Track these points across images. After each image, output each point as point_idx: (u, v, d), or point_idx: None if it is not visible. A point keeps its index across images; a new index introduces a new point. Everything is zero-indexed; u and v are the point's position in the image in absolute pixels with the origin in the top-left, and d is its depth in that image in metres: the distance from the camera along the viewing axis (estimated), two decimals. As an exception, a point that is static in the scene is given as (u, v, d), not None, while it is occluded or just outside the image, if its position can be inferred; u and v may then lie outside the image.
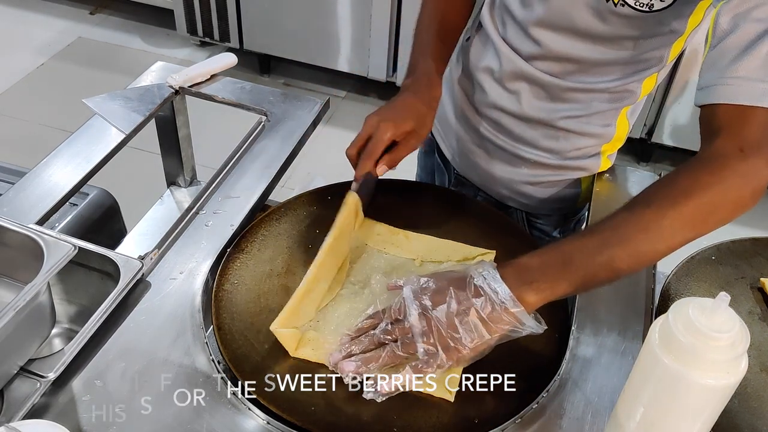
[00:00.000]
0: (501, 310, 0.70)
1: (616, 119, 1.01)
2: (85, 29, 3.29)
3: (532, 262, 0.72)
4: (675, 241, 0.72)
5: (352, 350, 0.74)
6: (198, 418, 0.72)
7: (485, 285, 0.71)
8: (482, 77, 1.03)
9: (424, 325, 0.71)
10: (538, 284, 0.71)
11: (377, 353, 0.73)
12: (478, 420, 0.73)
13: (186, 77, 1.13)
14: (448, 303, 0.71)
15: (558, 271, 0.71)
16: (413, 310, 0.72)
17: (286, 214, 0.97)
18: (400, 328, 0.73)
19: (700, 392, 0.60)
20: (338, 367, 0.74)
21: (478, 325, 0.70)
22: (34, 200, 0.92)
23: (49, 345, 0.91)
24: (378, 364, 0.73)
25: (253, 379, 0.75)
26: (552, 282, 0.71)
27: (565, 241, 0.74)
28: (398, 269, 0.91)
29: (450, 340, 0.71)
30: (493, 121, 1.05)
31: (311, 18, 2.72)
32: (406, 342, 0.72)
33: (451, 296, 0.71)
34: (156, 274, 0.86)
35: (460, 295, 0.71)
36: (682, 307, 0.60)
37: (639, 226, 0.71)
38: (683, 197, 0.71)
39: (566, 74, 0.96)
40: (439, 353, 0.71)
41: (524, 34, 0.95)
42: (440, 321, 0.71)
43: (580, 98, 0.97)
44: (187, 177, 1.26)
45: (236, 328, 0.81)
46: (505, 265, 0.73)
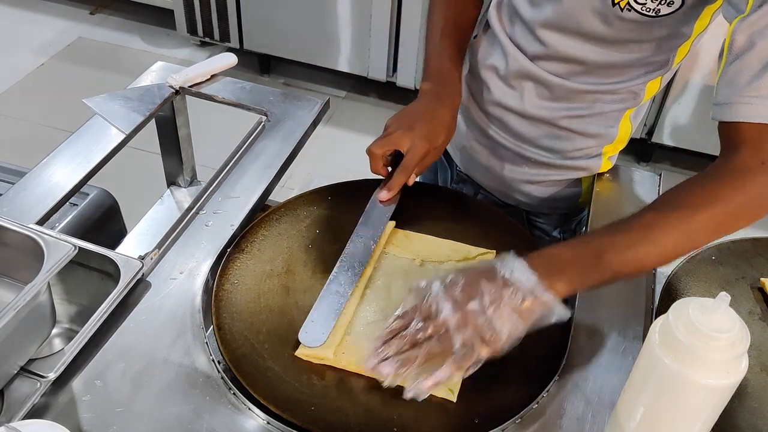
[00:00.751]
0: (532, 298, 0.71)
1: (620, 121, 1.01)
2: (85, 29, 3.29)
3: (564, 253, 0.75)
4: (700, 243, 0.78)
5: (387, 353, 0.73)
6: (198, 418, 0.72)
7: (514, 276, 0.72)
8: (487, 75, 1.04)
9: (458, 318, 0.71)
10: (569, 276, 0.73)
11: (414, 353, 0.72)
12: (478, 420, 0.73)
13: (186, 77, 1.13)
14: (480, 295, 0.71)
15: (589, 265, 0.74)
16: (446, 305, 0.71)
17: (286, 214, 0.97)
18: (435, 324, 0.72)
19: (700, 392, 0.60)
20: (376, 370, 0.73)
21: (512, 315, 0.71)
22: (34, 200, 0.92)
23: (49, 345, 0.91)
24: (416, 363, 0.72)
25: (253, 379, 0.76)
26: (582, 275, 0.74)
27: (596, 237, 0.77)
28: (398, 269, 0.91)
29: (486, 332, 0.71)
30: (496, 118, 1.05)
31: (311, 18, 2.72)
32: (441, 338, 0.71)
33: (482, 288, 0.71)
34: (156, 274, 0.86)
35: (491, 287, 0.71)
36: (682, 307, 0.60)
37: (668, 228, 0.74)
38: (710, 203, 0.74)
39: (571, 75, 0.96)
40: (476, 346, 0.71)
41: (531, 34, 0.96)
42: (474, 313, 0.71)
43: (584, 99, 0.98)
44: (187, 177, 1.26)
45: (236, 328, 0.81)
46: (535, 256, 0.74)
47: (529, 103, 1.00)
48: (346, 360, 0.79)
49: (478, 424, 0.73)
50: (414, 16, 2.58)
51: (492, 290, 0.71)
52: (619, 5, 0.85)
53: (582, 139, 1.02)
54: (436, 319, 0.72)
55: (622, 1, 0.84)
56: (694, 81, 2.40)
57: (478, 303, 0.71)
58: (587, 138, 1.02)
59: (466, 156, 1.15)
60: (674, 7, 0.84)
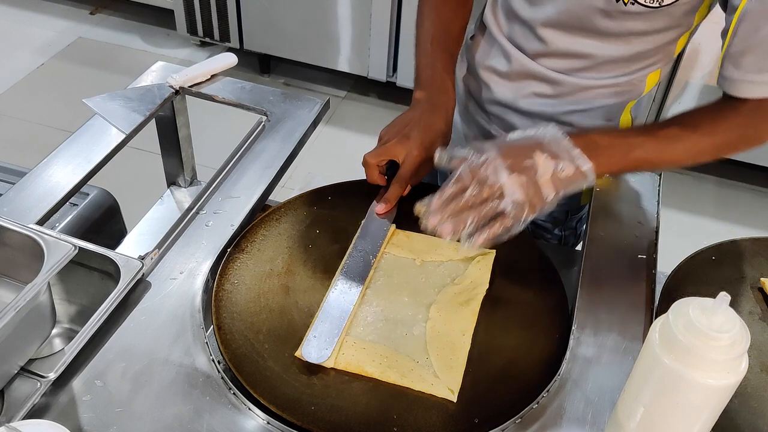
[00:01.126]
0: (574, 168, 0.80)
1: (620, 115, 1.02)
2: (85, 29, 3.29)
3: (602, 140, 0.84)
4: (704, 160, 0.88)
5: (445, 214, 0.80)
6: (198, 418, 0.72)
7: (560, 149, 0.81)
8: (487, 75, 1.04)
9: (512, 183, 0.79)
10: (600, 159, 0.82)
11: (470, 213, 0.79)
12: (478, 420, 0.73)
13: (186, 77, 1.13)
14: (531, 163, 0.80)
15: (619, 157, 0.85)
16: (503, 172, 0.79)
17: (286, 214, 0.97)
18: (491, 188, 0.79)
19: (700, 392, 0.60)
20: (437, 230, 0.80)
21: (556, 181, 0.80)
22: (34, 200, 0.92)
23: (49, 345, 0.91)
24: (473, 223, 0.79)
25: (253, 379, 0.76)
26: (610, 162, 0.85)
27: (630, 135, 0.88)
28: (398, 269, 0.91)
29: (534, 196, 0.79)
30: (498, 117, 1.06)
31: (311, 18, 2.72)
32: (494, 201, 0.79)
33: (534, 158, 0.80)
34: (156, 274, 0.86)
35: (541, 157, 0.80)
36: (682, 307, 0.60)
37: (685, 145, 0.86)
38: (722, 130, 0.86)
39: (573, 71, 0.97)
40: (525, 207, 0.79)
41: (531, 33, 0.96)
42: (526, 180, 0.79)
43: (586, 94, 0.99)
44: (188, 177, 1.26)
45: (236, 328, 0.82)
46: (577, 136, 0.83)
47: (531, 101, 1.01)
48: (346, 360, 0.79)
49: (478, 424, 0.73)
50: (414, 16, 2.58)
51: (542, 159, 0.80)
52: (623, 1, 0.85)
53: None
54: (493, 184, 0.79)
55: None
56: (694, 81, 2.40)
57: (529, 170, 0.79)
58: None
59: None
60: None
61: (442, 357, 0.80)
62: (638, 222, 0.97)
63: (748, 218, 2.48)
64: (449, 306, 0.86)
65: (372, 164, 0.94)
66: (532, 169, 0.79)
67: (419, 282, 0.89)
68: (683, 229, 2.36)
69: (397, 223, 0.97)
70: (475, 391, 0.77)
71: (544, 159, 0.80)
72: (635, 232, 0.96)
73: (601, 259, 0.92)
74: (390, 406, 0.75)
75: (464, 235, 0.80)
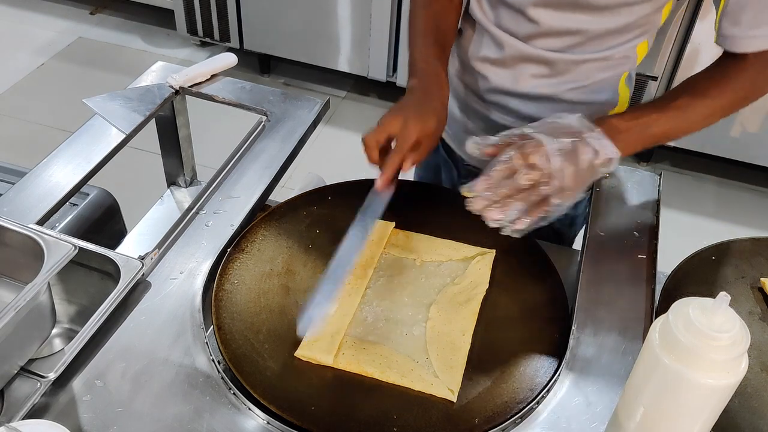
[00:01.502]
0: (604, 159, 0.83)
1: (618, 86, 1.04)
2: (85, 29, 3.29)
3: (620, 125, 0.87)
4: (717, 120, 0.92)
5: (493, 198, 0.81)
6: (198, 418, 0.72)
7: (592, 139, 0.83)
8: (481, 66, 1.05)
9: (564, 168, 0.80)
10: (623, 142, 0.85)
11: (519, 199, 0.81)
12: (479, 420, 0.73)
13: (186, 77, 1.13)
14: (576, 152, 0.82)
15: (637, 137, 0.89)
16: (556, 156, 0.80)
17: (286, 214, 0.97)
18: (541, 171, 0.80)
19: (700, 392, 0.60)
20: (483, 214, 0.81)
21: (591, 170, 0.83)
22: (34, 200, 0.92)
23: (49, 345, 0.91)
24: (520, 208, 0.81)
25: (253, 379, 0.76)
26: (629, 145, 0.87)
27: (644, 113, 0.90)
28: (398, 269, 0.91)
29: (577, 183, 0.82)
30: (499, 105, 1.07)
31: (311, 18, 2.72)
32: (544, 185, 0.80)
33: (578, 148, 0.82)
34: (156, 274, 0.86)
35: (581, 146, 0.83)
36: (682, 307, 0.60)
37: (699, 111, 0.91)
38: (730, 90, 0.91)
39: (566, 48, 0.98)
40: (569, 194, 0.82)
41: (521, 16, 0.97)
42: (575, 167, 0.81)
43: (581, 69, 1.00)
44: (188, 177, 1.26)
45: (236, 328, 0.82)
46: (599, 122, 0.86)
47: (529, 84, 1.02)
48: (346, 360, 0.79)
49: (478, 424, 0.73)
50: (414, 16, 2.58)
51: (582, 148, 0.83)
52: None
53: (585, 108, 1.04)
54: (544, 169, 0.80)
55: None
56: (694, 81, 2.39)
57: (575, 158, 0.81)
58: (590, 106, 1.04)
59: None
60: None
61: (442, 357, 0.80)
62: (638, 222, 0.97)
63: (748, 218, 2.48)
64: (449, 306, 0.86)
65: (371, 143, 0.90)
66: (576, 156, 0.82)
67: (419, 282, 0.89)
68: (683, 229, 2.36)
69: (397, 222, 0.97)
70: (475, 391, 0.77)
71: (584, 147, 0.82)
72: (635, 232, 0.96)
73: (601, 259, 0.92)
74: (390, 406, 0.75)
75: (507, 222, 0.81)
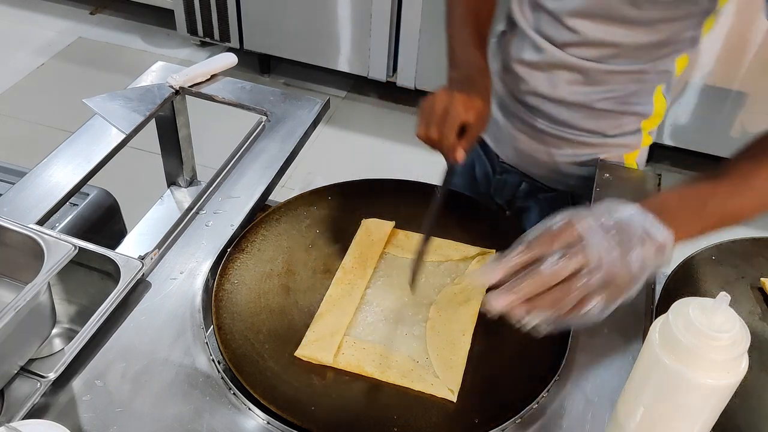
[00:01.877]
0: (660, 252, 0.69)
1: (653, 96, 1.03)
2: (85, 29, 3.29)
3: (671, 202, 0.75)
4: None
5: (517, 291, 0.65)
6: (198, 418, 0.72)
7: (650, 229, 0.69)
8: (520, 69, 1.06)
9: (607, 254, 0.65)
10: (677, 225, 0.71)
11: (550, 296, 0.65)
12: (478, 420, 0.73)
13: (186, 77, 1.13)
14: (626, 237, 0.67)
15: (693, 215, 0.74)
16: (599, 237, 0.66)
17: (286, 214, 0.97)
18: (579, 256, 0.65)
19: (700, 392, 0.60)
20: (510, 314, 0.66)
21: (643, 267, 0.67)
22: (34, 200, 0.92)
23: (49, 345, 0.91)
24: (553, 308, 0.65)
25: (253, 379, 0.76)
26: (686, 225, 0.73)
27: (699, 186, 0.77)
28: (398, 269, 0.91)
29: (620, 277, 0.66)
30: (534, 107, 1.08)
31: (311, 18, 2.72)
32: (585, 276, 0.65)
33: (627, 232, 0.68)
34: (156, 274, 0.86)
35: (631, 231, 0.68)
36: (682, 307, 0.60)
37: (765, 175, 0.75)
38: None
39: (603, 59, 0.98)
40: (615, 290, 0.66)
41: (559, 24, 0.97)
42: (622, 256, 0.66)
43: (617, 80, 1.00)
44: (187, 177, 1.26)
45: (236, 328, 0.82)
46: (647, 204, 0.72)
47: (564, 90, 1.03)
48: (345, 360, 0.79)
49: (478, 424, 0.73)
50: (414, 16, 2.58)
51: (635, 234, 0.68)
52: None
53: (619, 117, 1.04)
54: (584, 253, 0.65)
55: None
56: (694, 81, 2.39)
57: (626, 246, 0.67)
58: (625, 116, 1.04)
59: (507, 146, 1.16)
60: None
61: (442, 357, 0.80)
62: (638, 222, 0.97)
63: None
64: (449, 306, 0.86)
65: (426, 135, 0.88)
66: (625, 245, 0.67)
67: (419, 282, 0.89)
68: (683, 229, 2.35)
69: (397, 222, 0.97)
70: (475, 391, 0.77)
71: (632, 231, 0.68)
72: (635, 232, 0.96)
73: (601, 259, 0.91)
74: (390, 406, 0.75)
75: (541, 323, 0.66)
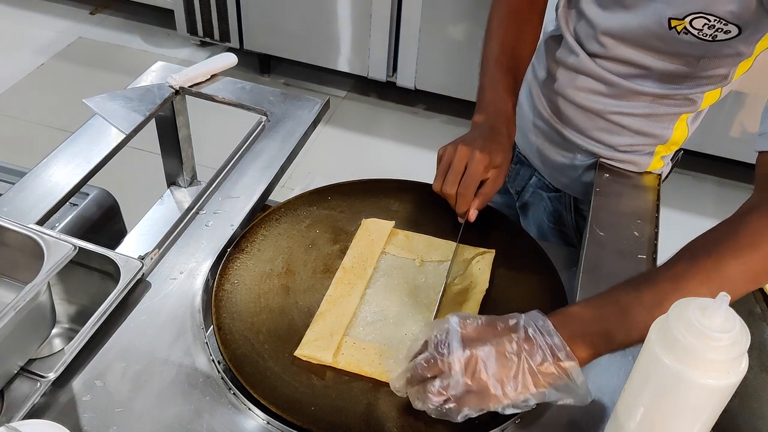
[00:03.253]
0: (552, 361, 0.65)
1: (674, 123, 1.02)
2: (85, 29, 3.29)
3: (585, 313, 0.69)
4: (737, 293, 0.67)
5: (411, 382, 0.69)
6: (198, 418, 0.72)
7: (537, 334, 0.66)
8: (552, 65, 1.06)
9: (466, 362, 0.66)
10: (592, 337, 0.67)
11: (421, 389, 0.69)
12: (478, 420, 0.73)
13: (186, 77, 1.13)
14: (497, 342, 0.66)
15: (614, 325, 0.67)
16: (456, 344, 0.67)
17: (286, 214, 0.97)
18: (441, 362, 0.67)
19: (700, 392, 0.60)
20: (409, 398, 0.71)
21: (526, 375, 0.65)
22: (34, 200, 0.92)
23: (49, 345, 0.91)
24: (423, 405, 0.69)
25: (253, 379, 0.76)
26: (607, 337, 0.67)
27: (620, 292, 0.70)
28: (398, 269, 0.91)
29: (493, 384, 0.66)
30: (554, 104, 1.08)
31: (311, 18, 2.72)
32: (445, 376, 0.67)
33: (500, 336, 0.67)
34: (156, 274, 0.86)
35: (511, 337, 0.67)
36: (682, 307, 0.60)
37: (700, 278, 0.67)
38: (748, 249, 0.67)
39: (629, 77, 0.98)
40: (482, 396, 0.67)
41: (593, 35, 0.98)
42: (486, 362, 0.66)
43: (638, 99, 0.99)
44: (187, 177, 1.26)
45: (236, 328, 0.82)
46: (554, 315, 0.69)
47: (584, 97, 1.03)
48: (345, 360, 0.79)
49: (478, 424, 0.73)
50: (414, 16, 2.58)
51: (510, 341, 0.66)
52: (675, 29, 0.86)
53: (634, 136, 1.04)
54: (444, 357, 0.67)
55: (679, 26, 0.85)
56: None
57: (492, 352, 0.66)
58: (639, 136, 1.04)
59: (523, 137, 1.17)
60: (731, 35, 0.84)
61: (442, 357, 0.79)
62: (638, 222, 0.97)
63: (748, 218, 2.48)
64: (449, 306, 0.86)
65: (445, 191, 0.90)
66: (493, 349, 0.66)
67: (419, 282, 0.89)
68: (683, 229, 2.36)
69: (397, 222, 0.97)
70: (475, 391, 0.77)
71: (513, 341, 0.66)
72: (635, 231, 0.96)
73: (601, 259, 0.91)
74: (390, 407, 0.75)
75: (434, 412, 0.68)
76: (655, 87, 0.97)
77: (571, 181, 1.14)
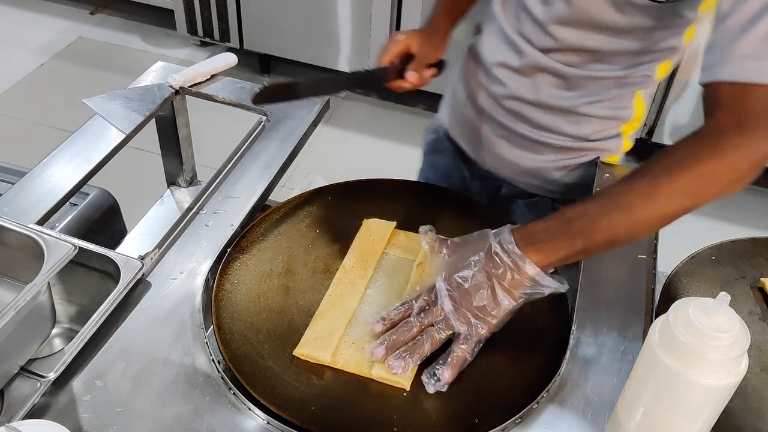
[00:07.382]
0: (515, 273, 0.75)
1: (633, 101, 1.04)
2: (85, 29, 3.29)
3: (537, 226, 0.77)
4: (670, 208, 0.74)
5: (391, 340, 0.77)
6: (198, 418, 0.72)
7: (503, 253, 0.75)
8: (499, 71, 1.06)
9: (453, 302, 0.76)
10: (540, 245, 0.75)
11: (420, 343, 0.77)
12: (478, 420, 0.73)
13: (186, 77, 1.13)
14: (471, 274, 0.76)
15: (560, 234, 0.76)
16: (443, 292, 0.77)
17: (286, 214, 0.97)
18: (435, 310, 0.77)
19: (700, 392, 0.60)
20: (387, 364, 0.76)
21: (500, 291, 0.75)
22: (34, 200, 0.92)
23: (49, 345, 0.91)
24: (424, 353, 0.76)
25: (253, 379, 0.76)
26: (553, 243, 0.75)
27: (569, 208, 0.78)
28: (398, 269, 0.91)
29: (479, 313, 0.76)
30: (513, 111, 1.08)
31: (311, 18, 2.72)
32: (441, 324, 0.76)
33: (473, 268, 0.76)
34: (156, 274, 0.86)
35: (480, 264, 0.76)
36: (682, 307, 0.60)
37: (635, 193, 0.74)
38: (678, 167, 0.74)
39: (583, 64, 0.98)
40: (474, 327, 0.76)
41: (541, 31, 0.98)
42: (468, 294, 0.76)
43: (598, 85, 1.00)
44: (187, 177, 1.26)
45: (236, 328, 0.82)
46: (516, 229, 0.77)
47: (546, 94, 1.03)
48: (344, 360, 0.79)
49: (478, 424, 0.73)
50: (414, 16, 2.58)
51: (481, 267, 0.76)
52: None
53: (600, 121, 1.05)
54: (435, 306, 0.77)
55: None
56: (694, 81, 2.39)
57: (470, 283, 0.76)
58: (605, 120, 1.05)
59: (485, 153, 1.16)
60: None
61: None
62: (638, 222, 0.97)
63: (748, 218, 2.48)
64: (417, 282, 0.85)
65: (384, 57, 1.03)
66: (471, 281, 0.76)
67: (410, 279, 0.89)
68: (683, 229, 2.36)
69: (397, 223, 0.97)
70: (475, 391, 0.77)
71: (485, 266, 0.76)
72: (635, 232, 0.96)
73: (601, 259, 0.91)
74: (390, 406, 0.75)
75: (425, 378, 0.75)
76: (611, 69, 0.98)
77: (548, 183, 1.13)
